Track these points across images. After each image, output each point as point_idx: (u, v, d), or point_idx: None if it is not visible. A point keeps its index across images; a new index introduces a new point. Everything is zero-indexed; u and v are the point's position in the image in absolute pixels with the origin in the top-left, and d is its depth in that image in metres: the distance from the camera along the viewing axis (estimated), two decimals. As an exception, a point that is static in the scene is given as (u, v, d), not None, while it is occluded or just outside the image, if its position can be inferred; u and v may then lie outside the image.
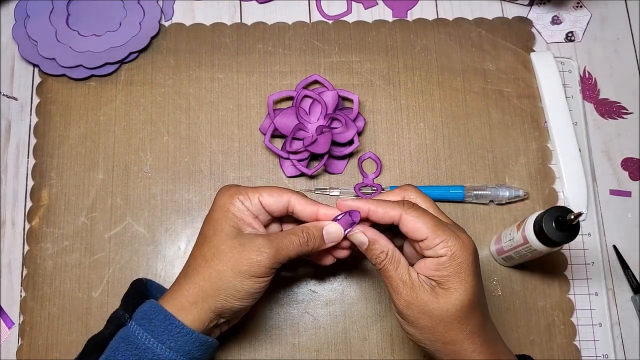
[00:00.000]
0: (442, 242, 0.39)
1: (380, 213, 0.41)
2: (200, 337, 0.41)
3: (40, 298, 0.53)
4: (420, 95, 0.59)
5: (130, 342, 0.40)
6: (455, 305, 0.39)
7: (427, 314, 0.39)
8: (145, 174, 0.57)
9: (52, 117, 0.58)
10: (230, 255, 0.41)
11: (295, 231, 0.43)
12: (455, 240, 0.40)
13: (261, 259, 0.40)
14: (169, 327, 0.40)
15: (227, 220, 0.42)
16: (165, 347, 0.40)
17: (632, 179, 0.58)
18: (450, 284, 0.39)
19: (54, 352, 0.52)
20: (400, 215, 0.41)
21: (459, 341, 0.40)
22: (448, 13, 0.62)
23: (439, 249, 0.40)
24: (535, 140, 0.58)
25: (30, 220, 0.55)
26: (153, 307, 0.41)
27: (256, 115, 0.59)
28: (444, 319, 0.39)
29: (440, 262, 0.39)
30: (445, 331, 0.40)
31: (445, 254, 0.39)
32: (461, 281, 0.39)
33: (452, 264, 0.39)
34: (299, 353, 0.52)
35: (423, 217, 0.40)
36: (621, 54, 0.62)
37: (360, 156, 0.57)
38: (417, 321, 0.40)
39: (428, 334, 0.40)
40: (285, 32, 0.61)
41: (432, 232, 0.40)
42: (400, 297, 0.40)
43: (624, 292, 0.55)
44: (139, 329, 0.40)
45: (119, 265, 0.54)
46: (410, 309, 0.40)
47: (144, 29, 0.60)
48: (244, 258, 0.40)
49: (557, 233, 0.43)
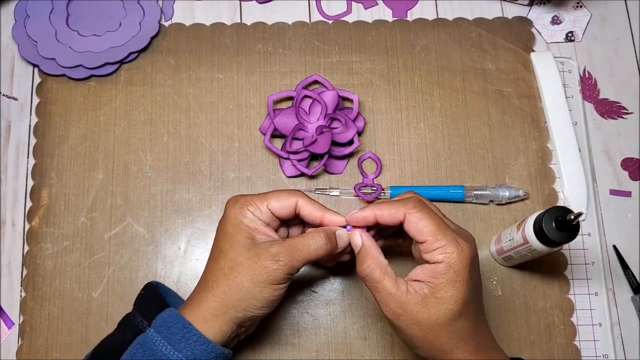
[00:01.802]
0: (441, 247, 0.39)
1: (386, 216, 0.42)
2: (217, 348, 0.41)
3: (40, 298, 0.53)
4: (420, 95, 0.59)
5: (148, 349, 0.40)
6: (446, 314, 0.39)
7: (416, 324, 0.39)
8: (145, 174, 0.57)
9: (52, 117, 0.58)
10: (248, 266, 0.41)
11: (311, 235, 0.43)
12: (455, 247, 0.39)
13: (277, 267, 0.41)
14: (187, 336, 0.40)
15: (241, 232, 0.43)
16: (181, 355, 0.40)
17: (632, 179, 0.58)
18: (444, 292, 0.39)
19: (54, 352, 0.52)
20: (404, 215, 0.41)
21: (449, 350, 0.40)
22: (448, 13, 0.62)
23: (436, 254, 0.39)
24: (535, 140, 0.58)
25: (30, 220, 0.55)
26: (172, 316, 0.42)
27: (256, 116, 0.59)
28: (433, 328, 0.39)
29: (436, 269, 0.39)
30: (435, 339, 0.39)
31: (442, 261, 0.39)
32: (455, 290, 0.39)
33: (448, 272, 0.39)
34: (299, 353, 0.52)
35: (426, 218, 0.40)
36: (621, 54, 0.62)
37: (360, 156, 0.57)
38: (407, 330, 0.40)
39: (419, 342, 0.40)
40: (285, 32, 0.61)
41: (433, 235, 0.40)
42: (390, 309, 0.40)
43: (624, 292, 0.55)
44: (157, 336, 0.41)
45: (118, 265, 0.54)
46: (399, 320, 0.40)
47: (143, 29, 0.60)
48: (261, 267, 0.41)
49: (557, 233, 0.43)
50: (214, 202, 0.56)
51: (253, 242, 0.42)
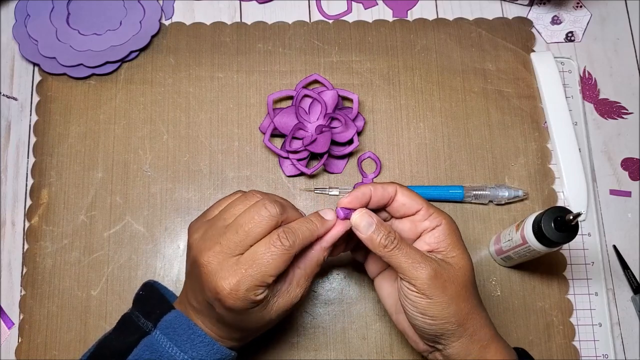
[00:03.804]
0: (435, 212, 0.42)
1: (379, 192, 0.42)
2: (222, 349, 0.42)
3: (39, 296, 0.53)
4: (420, 95, 0.59)
5: (154, 351, 0.41)
6: (468, 268, 0.41)
7: (451, 281, 0.40)
8: (144, 172, 0.57)
9: (52, 116, 0.58)
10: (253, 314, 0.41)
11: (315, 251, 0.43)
12: (442, 212, 0.43)
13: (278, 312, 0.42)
14: (192, 337, 0.41)
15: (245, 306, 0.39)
16: (187, 356, 0.40)
17: (632, 179, 0.58)
18: (456, 250, 0.41)
19: (53, 350, 0.52)
20: (396, 190, 0.43)
21: (477, 306, 0.41)
22: (448, 13, 0.62)
23: (433, 218, 0.42)
24: (535, 141, 0.58)
25: (30, 218, 0.55)
26: (177, 317, 0.42)
27: (256, 115, 0.59)
28: (465, 283, 0.40)
29: (440, 232, 0.41)
30: (468, 296, 0.40)
31: (440, 223, 0.41)
32: (461, 247, 0.41)
33: (450, 232, 0.41)
34: (298, 352, 0.52)
35: (414, 193, 0.43)
36: (621, 54, 0.62)
37: (360, 156, 0.57)
38: (445, 291, 0.39)
39: (455, 305, 0.39)
40: (285, 31, 0.61)
41: (426, 203, 0.42)
42: (423, 270, 0.39)
43: (624, 292, 0.55)
44: (164, 338, 0.41)
45: (118, 263, 0.54)
46: (436, 278, 0.39)
47: (144, 27, 0.60)
48: (267, 315, 0.41)
49: (556, 233, 0.43)
50: (213, 201, 0.56)
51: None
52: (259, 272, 0.38)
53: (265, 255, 0.38)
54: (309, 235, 0.40)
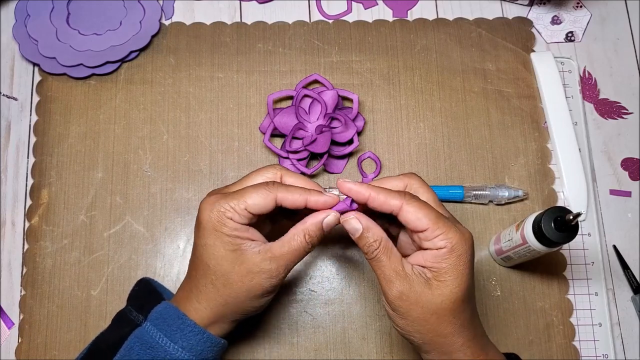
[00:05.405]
0: (442, 234, 0.39)
1: (380, 201, 0.40)
2: (212, 338, 0.42)
3: (39, 296, 0.53)
4: (420, 95, 0.59)
5: (145, 342, 0.41)
6: (450, 297, 0.39)
7: (420, 306, 0.39)
8: (144, 172, 0.57)
9: (52, 116, 0.58)
10: (242, 284, 0.41)
11: (296, 236, 0.42)
12: (455, 233, 0.39)
13: (273, 281, 0.41)
14: (182, 327, 0.41)
15: (224, 245, 0.41)
16: (177, 346, 0.41)
17: (632, 179, 0.58)
18: (447, 276, 0.39)
19: (53, 350, 0.52)
20: (401, 205, 0.40)
21: (450, 334, 0.40)
22: (448, 13, 0.62)
23: (438, 240, 0.39)
24: (535, 141, 0.58)
25: (30, 218, 0.55)
26: (167, 308, 0.42)
27: (256, 115, 0.59)
28: (437, 311, 0.39)
29: (439, 254, 0.39)
30: (438, 324, 0.39)
31: (444, 246, 0.39)
32: (458, 274, 0.39)
33: (451, 257, 0.39)
34: (298, 352, 0.52)
35: (424, 209, 0.40)
36: (621, 54, 0.62)
37: (360, 156, 0.57)
38: (409, 313, 0.40)
39: (419, 326, 0.40)
40: (285, 31, 0.61)
41: (433, 223, 0.39)
42: (393, 288, 0.40)
43: (624, 292, 0.55)
44: (154, 329, 0.41)
45: (118, 263, 0.54)
46: (402, 299, 0.39)
47: (144, 27, 0.60)
48: (257, 285, 0.41)
49: (556, 233, 0.43)
50: (213, 201, 0.56)
51: (240, 253, 0.41)
52: (238, 199, 0.41)
53: (249, 189, 0.41)
54: (298, 198, 0.41)
